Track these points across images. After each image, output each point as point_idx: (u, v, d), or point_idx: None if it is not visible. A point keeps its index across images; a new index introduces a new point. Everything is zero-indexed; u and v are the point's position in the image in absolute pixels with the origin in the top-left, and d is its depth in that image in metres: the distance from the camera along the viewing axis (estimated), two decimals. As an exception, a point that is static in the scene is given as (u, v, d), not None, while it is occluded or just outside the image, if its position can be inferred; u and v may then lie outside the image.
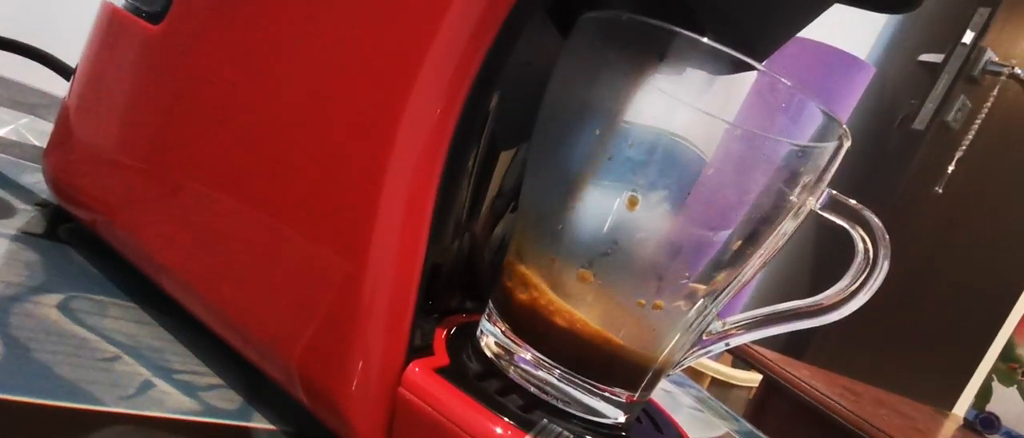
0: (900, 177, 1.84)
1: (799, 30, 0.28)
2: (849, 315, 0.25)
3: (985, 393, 1.00)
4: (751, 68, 0.22)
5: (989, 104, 1.82)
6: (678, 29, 0.22)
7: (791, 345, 1.83)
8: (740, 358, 1.07)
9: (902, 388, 1.20)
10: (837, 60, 1.60)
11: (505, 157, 0.30)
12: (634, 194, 0.23)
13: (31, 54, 0.42)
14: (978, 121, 1.82)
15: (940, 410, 1.16)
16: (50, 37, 0.57)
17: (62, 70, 0.43)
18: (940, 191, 1.83)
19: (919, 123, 1.84)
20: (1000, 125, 1.86)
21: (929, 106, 1.83)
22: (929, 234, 1.89)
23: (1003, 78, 1.82)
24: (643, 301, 0.24)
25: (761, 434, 0.52)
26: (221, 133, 0.27)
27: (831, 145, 0.24)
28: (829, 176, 0.24)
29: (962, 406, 1.88)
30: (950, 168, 1.83)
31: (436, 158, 0.24)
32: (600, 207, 0.24)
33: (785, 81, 0.22)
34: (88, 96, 0.31)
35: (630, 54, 0.23)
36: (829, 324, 0.26)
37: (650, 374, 0.26)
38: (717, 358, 1.79)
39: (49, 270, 0.28)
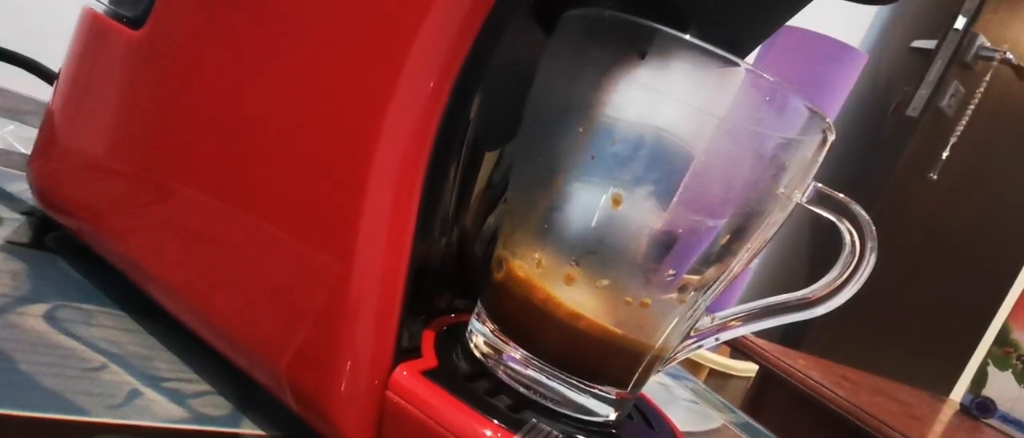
0: (894, 164, 1.84)
1: (782, 24, 0.28)
2: (844, 304, 0.25)
3: (981, 378, 1.00)
4: (734, 64, 0.22)
5: (982, 89, 1.82)
6: (660, 26, 0.22)
7: (788, 335, 1.83)
8: (737, 349, 1.07)
9: (899, 375, 1.20)
10: (829, 49, 1.60)
11: (492, 155, 0.30)
12: (619, 192, 0.23)
13: (15, 60, 0.42)
14: (971, 106, 1.82)
15: (936, 396, 1.17)
16: (36, 43, 0.56)
17: (47, 76, 0.42)
18: (934, 177, 1.83)
19: (913, 110, 1.84)
20: (993, 110, 1.87)
21: (922, 92, 1.83)
22: (924, 220, 1.89)
23: (995, 63, 1.82)
24: (630, 298, 0.24)
25: (758, 425, 0.53)
26: (204, 136, 0.27)
27: (816, 138, 0.24)
28: (814, 169, 0.24)
29: (958, 391, 1.89)
30: (944, 154, 1.83)
31: (420, 159, 0.24)
32: (585, 205, 0.24)
33: (768, 76, 0.22)
34: (71, 103, 0.31)
35: (613, 51, 0.23)
36: (825, 314, 0.25)
37: (640, 370, 0.26)
38: (714, 349, 1.79)
39: (35, 279, 0.28)
